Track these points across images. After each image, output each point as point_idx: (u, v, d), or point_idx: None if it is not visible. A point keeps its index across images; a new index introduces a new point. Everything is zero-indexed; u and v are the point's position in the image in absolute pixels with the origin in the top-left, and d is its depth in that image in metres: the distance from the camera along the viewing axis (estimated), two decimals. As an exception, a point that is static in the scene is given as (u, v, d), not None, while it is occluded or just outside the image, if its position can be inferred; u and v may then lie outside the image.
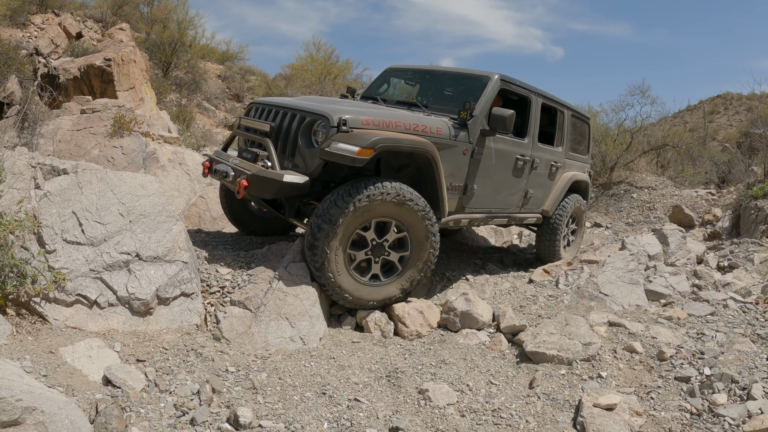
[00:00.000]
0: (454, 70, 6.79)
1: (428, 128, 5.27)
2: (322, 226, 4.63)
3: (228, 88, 19.30)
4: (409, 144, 4.97)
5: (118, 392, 3.30)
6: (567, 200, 7.75)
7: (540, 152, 7.03)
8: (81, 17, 15.89)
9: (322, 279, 4.78)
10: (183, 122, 12.85)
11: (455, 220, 5.93)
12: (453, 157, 5.56)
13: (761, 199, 9.73)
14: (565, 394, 4.21)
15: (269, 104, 5.47)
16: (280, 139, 5.11)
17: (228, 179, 5.12)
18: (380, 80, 7.29)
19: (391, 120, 5.03)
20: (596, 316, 5.37)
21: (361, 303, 5.02)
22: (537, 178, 7.08)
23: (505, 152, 6.31)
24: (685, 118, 35.08)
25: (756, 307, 6.06)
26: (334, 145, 4.66)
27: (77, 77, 11.29)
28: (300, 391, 3.82)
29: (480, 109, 5.80)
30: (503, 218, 6.78)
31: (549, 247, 7.71)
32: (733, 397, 4.07)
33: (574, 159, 8.01)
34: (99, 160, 7.90)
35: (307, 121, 4.96)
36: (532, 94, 6.77)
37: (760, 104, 21.36)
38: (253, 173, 4.82)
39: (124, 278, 4.14)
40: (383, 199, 4.76)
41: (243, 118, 5.74)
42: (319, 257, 4.70)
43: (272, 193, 4.87)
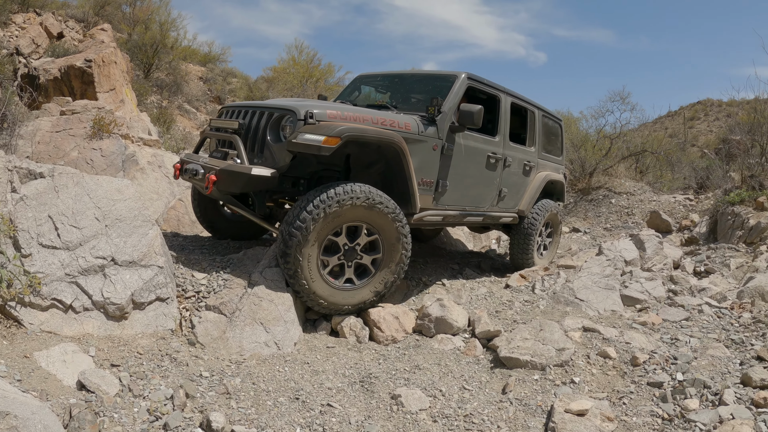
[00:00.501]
0: (422, 72, 6.98)
1: (396, 123, 5.32)
2: (294, 233, 4.64)
3: (209, 91, 19.23)
4: (375, 135, 5.00)
5: (92, 397, 3.31)
6: (540, 207, 7.78)
7: (512, 151, 7.08)
8: (63, 17, 15.77)
9: (296, 286, 4.79)
10: (163, 124, 12.80)
11: (429, 217, 5.92)
12: (423, 153, 5.59)
13: (738, 205, 9.86)
14: (538, 399, 4.24)
15: (239, 106, 5.52)
16: (249, 137, 5.14)
17: (198, 177, 5.16)
18: (351, 87, 7.36)
19: (359, 115, 5.09)
20: (571, 321, 5.41)
21: (336, 308, 5.03)
22: (510, 176, 7.13)
23: (476, 149, 6.37)
24: (665, 124, 35.43)
25: (731, 312, 6.12)
26: (300, 136, 4.70)
27: (57, 78, 11.21)
28: (273, 396, 3.84)
29: (448, 106, 5.87)
30: (478, 216, 6.79)
31: (523, 252, 7.72)
32: (704, 402, 4.10)
33: (547, 159, 8.06)
34: (78, 163, 7.85)
35: (275, 117, 5.01)
36: (500, 93, 6.85)
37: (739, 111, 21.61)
38: (221, 168, 4.87)
39: (99, 283, 4.13)
40: (353, 203, 4.78)
41: (213, 120, 5.78)
42: (291, 265, 4.70)
43: (240, 187, 4.92)
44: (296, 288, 4.80)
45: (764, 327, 5.51)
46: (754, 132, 11.63)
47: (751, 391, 4.15)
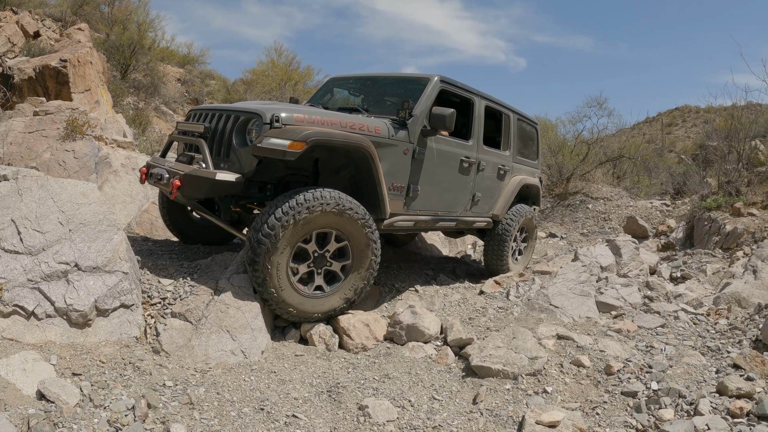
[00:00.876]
0: (395, 75, 6.83)
1: (366, 127, 5.24)
2: (262, 240, 4.52)
3: (187, 92, 19.04)
4: (342, 139, 4.89)
5: (52, 407, 3.21)
6: (515, 212, 7.71)
7: (486, 155, 7.02)
8: (40, 16, 15.54)
9: (265, 294, 4.68)
10: (139, 126, 12.64)
11: (400, 222, 5.85)
12: (393, 157, 5.50)
13: (715, 211, 9.91)
14: (509, 410, 4.17)
15: (206, 109, 5.42)
16: (215, 141, 5.03)
17: (162, 182, 5.04)
18: (323, 90, 7.26)
19: (326, 118, 4.99)
20: (545, 328, 5.37)
21: (305, 316, 4.93)
22: (484, 181, 7.06)
23: (448, 153, 6.29)
24: (643, 130, 35.68)
25: (707, 319, 6.11)
26: (266, 140, 4.59)
27: (32, 78, 11.04)
28: (238, 406, 3.75)
29: (420, 109, 5.79)
30: (451, 221, 6.72)
31: (497, 257, 7.64)
32: (680, 412, 4.05)
33: (522, 164, 7.98)
34: (50, 164, 7.73)
35: (241, 120, 4.90)
36: (474, 96, 6.78)
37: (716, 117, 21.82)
38: (186, 173, 4.75)
39: (62, 289, 4.03)
40: (323, 209, 4.70)
41: (180, 123, 5.64)
42: (260, 272, 4.59)
43: (205, 192, 4.80)
44: (265, 296, 4.70)
45: (740, 334, 5.51)
46: (731, 138, 11.71)
47: (727, 401, 4.12)
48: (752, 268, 7.39)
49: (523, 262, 8.26)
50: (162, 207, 6.22)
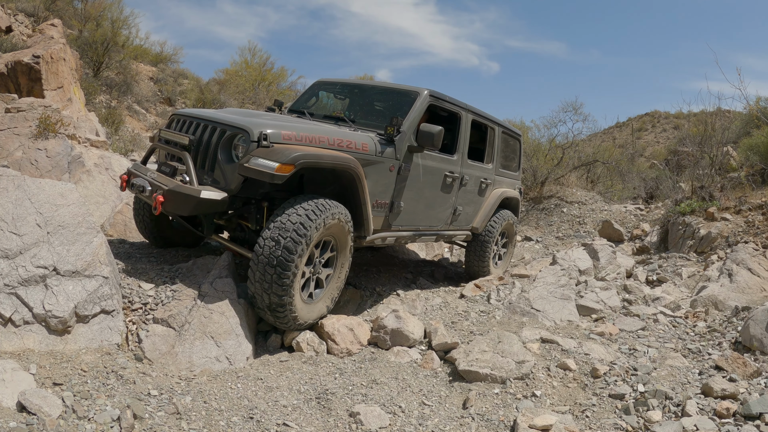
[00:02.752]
0: (383, 85, 6.77)
1: (353, 144, 5.17)
2: (298, 240, 4.42)
3: (160, 91, 18.74)
4: (330, 160, 4.79)
5: (34, 419, 3.07)
6: (497, 217, 7.75)
7: (469, 169, 7.00)
8: (12, 10, 15.18)
9: (284, 298, 4.50)
10: (112, 125, 12.38)
11: (381, 239, 5.81)
12: (379, 174, 5.46)
13: (689, 215, 10.02)
14: (500, 414, 4.17)
15: (190, 116, 5.23)
16: (200, 153, 4.87)
17: (145, 194, 4.83)
18: (309, 93, 7.16)
19: (315, 135, 4.90)
20: (529, 332, 5.38)
21: (300, 323, 4.80)
22: (466, 195, 7.05)
23: (433, 169, 6.24)
24: (614, 135, 36.20)
25: (686, 321, 6.19)
26: (253, 160, 4.47)
27: (3, 74, 10.73)
28: (226, 415, 3.65)
29: (408, 125, 5.73)
30: (431, 236, 6.72)
31: (479, 263, 7.69)
32: (667, 414, 4.12)
33: (504, 176, 8.01)
34: (22, 163, 7.52)
35: (227, 135, 4.75)
36: (462, 111, 6.74)
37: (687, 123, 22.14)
38: (169, 188, 4.57)
39: (40, 294, 3.89)
40: (338, 219, 4.78)
41: (162, 130, 5.42)
42: (289, 275, 4.44)
43: (189, 210, 4.60)
44: (282, 301, 4.52)
45: (720, 336, 5.60)
46: (704, 144, 11.86)
47: (713, 402, 4.20)
48: (727, 272, 7.49)
49: (503, 265, 8.31)
50: (136, 212, 5.99)
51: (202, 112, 5.35)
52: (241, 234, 5.41)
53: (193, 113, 5.27)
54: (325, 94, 7.18)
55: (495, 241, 7.80)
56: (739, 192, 10.43)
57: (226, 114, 5.19)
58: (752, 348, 5.12)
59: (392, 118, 5.57)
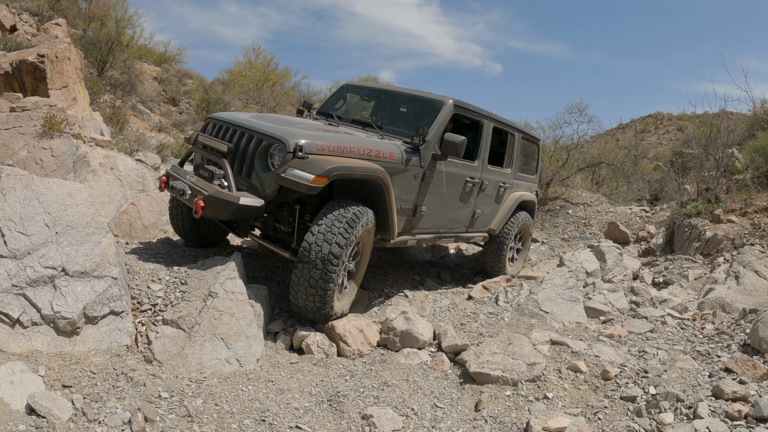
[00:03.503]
0: (410, 92, 6.87)
1: (381, 153, 5.41)
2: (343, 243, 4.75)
3: (164, 91, 18.67)
4: (361, 172, 5.05)
5: (43, 423, 3.04)
6: (514, 218, 7.93)
7: (489, 174, 7.21)
8: (17, 9, 15.13)
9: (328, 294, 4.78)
10: (116, 125, 12.33)
11: (404, 241, 6.08)
12: (404, 181, 5.71)
13: (695, 217, 9.97)
14: (512, 416, 4.15)
15: (227, 122, 5.44)
16: (237, 160, 5.12)
17: (185, 197, 5.06)
18: (336, 96, 7.37)
19: (346, 146, 5.13)
20: (538, 334, 5.35)
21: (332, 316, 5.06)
22: (485, 198, 7.28)
23: (455, 175, 6.47)
24: (617, 136, 36.08)
25: (693, 324, 6.17)
26: (290, 171, 4.71)
27: (8, 73, 10.69)
28: (238, 418, 3.62)
29: (433, 134, 5.96)
30: (450, 237, 6.97)
31: (495, 262, 7.87)
32: (679, 416, 4.11)
33: (522, 179, 8.21)
34: (27, 162, 7.49)
35: (264, 144, 4.97)
36: (484, 119, 6.94)
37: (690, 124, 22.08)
38: (210, 194, 4.79)
39: (49, 295, 3.86)
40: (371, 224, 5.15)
41: (200, 135, 5.64)
42: (336, 269, 4.75)
43: (228, 215, 4.89)
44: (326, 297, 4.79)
45: (728, 338, 5.58)
46: (709, 146, 11.80)
47: (724, 404, 4.19)
48: (734, 274, 7.46)
49: (518, 264, 8.47)
50: (172, 212, 6.20)
51: (238, 118, 5.56)
52: (273, 233, 5.64)
53: (230, 119, 5.50)
54: (351, 96, 7.43)
55: (511, 242, 8.00)
56: (744, 194, 10.38)
57: (262, 122, 5.38)
58: (761, 350, 5.11)
59: (418, 127, 5.85)
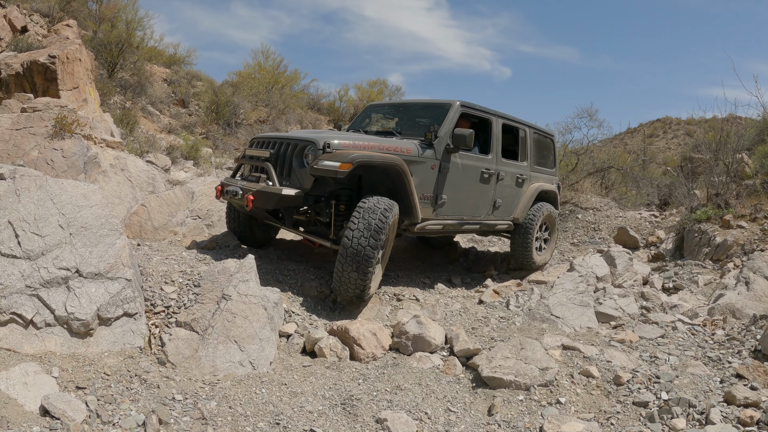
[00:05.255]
0: (422, 101, 7.86)
1: (399, 148, 6.25)
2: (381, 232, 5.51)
3: (174, 93, 18.70)
4: (381, 159, 5.91)
5: (57, 424, 3.03)
6: (536, 208, 8.45)
7: (505, 166, 7.89)
8: (28, 10, 15.18)
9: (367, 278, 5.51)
10: (126, 126, 12.37)
11: (430, 226, 6.75)
12: (422, 172, 6.49)
13: (705, 223, 9.92)
14: (525, 421, 4.13)
15: (268, 137, 6.42)
16: (278, 163, 6.06)
17: (237, 197, 6.00)
18: (362, 116, 8.34)
19: (367, 143, 6.04)
20: (550, 339, 5.34)
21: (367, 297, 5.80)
22: (504, 189, 7.92)
23: (470, 167, 7.21)
24: (625, 141, 36.02)
25: (704, 329, 6.13)
26: (321, 162, 5.65)
27: (19, 73, 10.74)
28: (252, 421, 3.61)
29: (444, 131, 6.76)
30: (475, 224, 7.58)
31: (522, 251, 8.37)
32: (691, 421, 4.09)
33: (540, 172, 8.81)
34: (38, 163, 7.52)
35: (299, 147, 5.96)
36: (492, 116, 7.71)
37: (698, 129, 21.98)
38: (258, 189, 5.80)
39: (62, 296, 3.87)
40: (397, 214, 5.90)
41: (247, 149, 6.67)
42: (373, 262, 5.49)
43: (273, 205, 5.87)
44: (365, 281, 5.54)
45: (739, 344, 5.54)
46: (719, 151, 11.72)
47: (736, 410, 4.17)
48: (744, 280, 7.41)
49: (546, 254, 8.88)
50: (228, 214, 7.20)
51: (277, 134, 6.57)
52: (314, 228, 6.54)
53: (270, 135, 6.49)
54: (376, 114, 8.42)
55: (536, 230, 8.44)
56: (754, 199, 10.32)
57: (297, 133, 6.56)
58: (772, 356, 5.06)
59: (430, 125, 6.79)
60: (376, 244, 5.51)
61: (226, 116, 18.01)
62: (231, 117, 18.17)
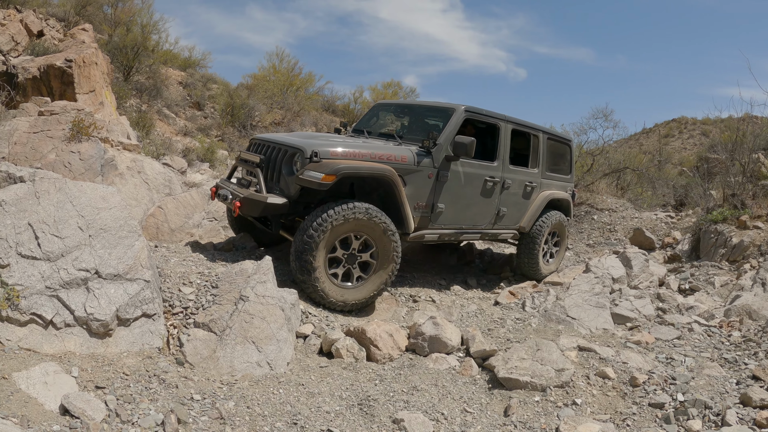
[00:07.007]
0: (427, 104, 7.72)
1: (393, 156, 6.08)
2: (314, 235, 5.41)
3: (189, 96, 18.85)
4: (368, 170, 5.78)
5: (77, 423, 3.07)
6: (545, 217, 8.16)
7: (512, 174, 7.56)
8: (43, 15, 15.34)
9: (306, 277, 5.47)
10: (142, 129, 12.48)
11: (424, 236, 6.56)
12: (418, 180, 6.30)
13: (721, 224, 9.85)
14: (541, 422, 4.14)
15: (264, 140, 6.40)
16: (269, 169, 6.03)
17: (227, 201, 5.99)
18: (370, 114, 8.21)
19: (358, 151, 5.86)
20: (566, 340, 5.33)
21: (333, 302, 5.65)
22: (510, 197, 7.59)
23: (473, 175, 6.94)
24: (640, 141, 35.79)
25: (720, 331, 6.10)
26: (306, 173, 5.53)
27: (36, 77, 10.87)
28: (270, 421, 3.63)
29: (444, 138, 6.53)
30: (475, 234, 7.34)
31: (528, 260, 8.13)
32: (707, 423, 4.08)
33: (553, 179, 8.45)
34: (55, 165, 7.59)
35: (288, 153, 5.85)
36: (500, 121, 7.39)
37: (714, 129, 21.82)
38: (244, 196, 5.74)
39: (82, 297, 3.90)
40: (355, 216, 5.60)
41: (241, 152, 6.64)
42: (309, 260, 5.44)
43: (258, 212, 5.73)
44: (305, 278, 5.49)
45: (755, 346, 5.52)
46: (735, 151, 11.65)
47: (752, 411, 4.16)
48: (761, 281, 7.38)
49: (554, 264, 8.64)
50: (228, 215, 7.29)
51: (273, 136, 6.51)
52: None
53: (266, 138, 6.48)
54: (384, 113, 8.24)
55: (544, 240, 8.22)
56: (771, 200, 10.24)
57: (290, 137, 6.37)
58: (788, 359, 5.04)
59: (429, 132, 6.55)
60: (312, 241, 5.40)
61: (241, 118, 18.13)
62: (246, 119, 18.29)
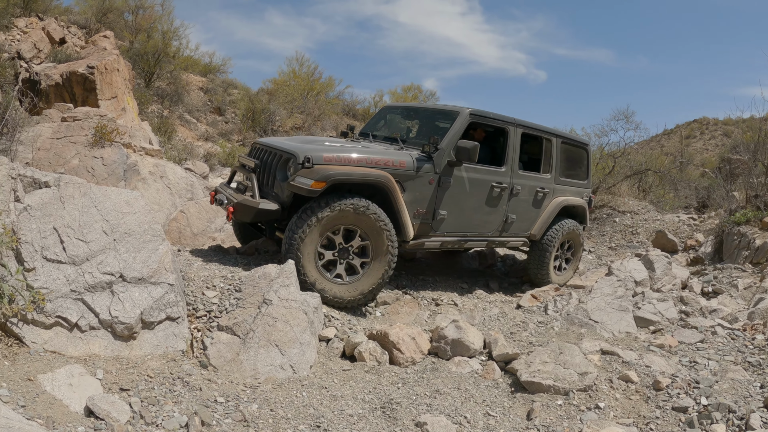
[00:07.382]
0: (433, 107, 7.56)
1: (391, 162, 5.92)
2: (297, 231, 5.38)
3: (210, 101, 19.03)
4: (360, 176, 5.63)
5: (102, 425, 3.09)
6: (558, 225, 7.80)
7: (522, 179, 7.25)
8: (65, 23, 15.59)
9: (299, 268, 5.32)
10: (164, 134, 12.61)
11: (425, 243, 6.39)
12: (418, 186, 6.12)
13: (744, 225, 9.74)
14: (564, 425, 4.12)
15: (260, 144, 6.37)
16: (264, 174, 6.00)
17: (223, 206, 5.95)
18: (377, 117, 8.05)
19: (353, 157, 5.73)
20: (588, 344, 5.30)
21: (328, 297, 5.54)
22: (519, 204, 7.29)
23: (478, 180, 6.68)
24: (661, 142, 35.50)
25: (744, 334, 6.04)
26: (297, 179, 5.48)
27: (59, 84, 11.04)
28: (293, 423, 3.65)
29: (446, 142, 6.30)
30: (481, 241, 7.15)
31: (538, 269, 7.77)
32: (731, 427, 4.04)
33: (567, 184, 8.03)
34: (79, 171, 7.69)
35: (282, 159, 5.81)
36: (509, 125, 7.07)
37: (736, 129, 21.57)
38: (237, 201, 5.68)
39: (106, 300, 3.95)
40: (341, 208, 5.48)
41: (240, 156, 6.64)
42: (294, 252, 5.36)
43: (251, 218, 5.68)
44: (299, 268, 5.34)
45: (779, 349, 5.44)
46: (757, 151, 11.50)
47: None
48: (786, 284, 7.29)
49: (567, 274, 8.26)
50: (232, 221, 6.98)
51: (271, 141, 6.42)
52: None
53: (264, 142, 6.39)
54: (391, 116, 8.04)
55: (555, 249, 7.85)
56: (795, 201, 10.10)
57: (287, 142, 6.22)
58: (812, 362, 4.98)
59: (431, 137, 6.30)
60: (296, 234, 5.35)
61: (262, 123, 18.23)
62: (267, 124, 18.38)
